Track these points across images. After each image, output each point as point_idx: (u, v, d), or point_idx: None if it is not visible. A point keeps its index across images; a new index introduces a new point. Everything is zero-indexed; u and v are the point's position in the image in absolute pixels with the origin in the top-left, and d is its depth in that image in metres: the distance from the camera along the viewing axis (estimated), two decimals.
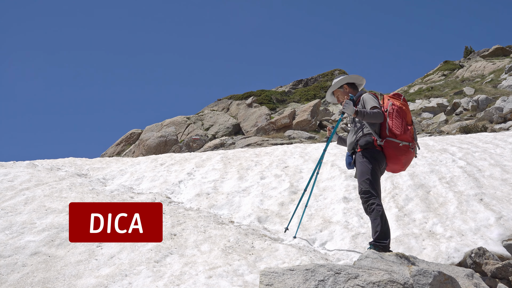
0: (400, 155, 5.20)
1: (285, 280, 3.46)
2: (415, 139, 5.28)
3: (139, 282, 4.54)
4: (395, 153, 5.20)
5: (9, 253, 5.12)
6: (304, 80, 39.47)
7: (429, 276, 3.53)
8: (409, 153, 5.23)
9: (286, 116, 26.29)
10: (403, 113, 5.28)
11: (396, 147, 5.17)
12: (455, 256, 5.49)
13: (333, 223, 6.81)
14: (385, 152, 5.27)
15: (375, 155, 5.28)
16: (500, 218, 6.34)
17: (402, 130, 5.16)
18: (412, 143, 5.21)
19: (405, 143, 5.15)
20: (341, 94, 5.86)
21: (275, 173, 9.46)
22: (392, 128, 5.20)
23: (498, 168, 8.68)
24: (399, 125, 5.18)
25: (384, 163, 5.35)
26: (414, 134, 5.28)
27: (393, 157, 5.24)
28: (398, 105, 5.31)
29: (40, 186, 7.88)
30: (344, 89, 5.85)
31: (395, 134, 5.17)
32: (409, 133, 5.19)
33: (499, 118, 20.01)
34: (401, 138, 5.16)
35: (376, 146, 5.28)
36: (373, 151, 5.29)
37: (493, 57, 43.89)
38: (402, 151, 5.18)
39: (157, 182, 9.21)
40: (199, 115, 31.28)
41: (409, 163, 5.41)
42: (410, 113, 5.42)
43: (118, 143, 32.00)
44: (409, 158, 5.29)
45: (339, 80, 5.89)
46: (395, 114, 5.24)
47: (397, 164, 5.34)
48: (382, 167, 5.38)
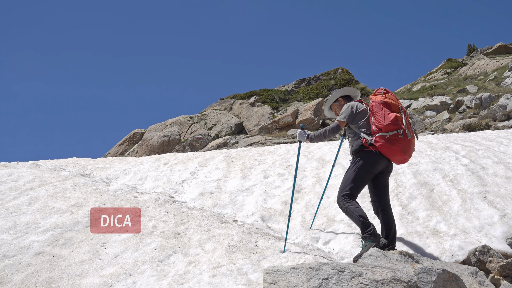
0: (392, 145, 5.26)
1: (289, 278, 3.46)
2: (403, 124, 5.30)
3: (143, 281, 4.55)
4: (387, 145, 5.26)
5: (13, 253, 5.14)
6: (307, 79, 39.41)
7: (433, 274, 3.53)
8: (401, 140, 5.26)
9: (289, 115, 26.26)
10: (387, 105, 5.39)
11: (386, 139, 5.26)
12: (459, 254, 5.48)
13: (336, 222, 6.80)
14: (379, 149, 5.34)
15: (368, 156, 5.41)
16: (504, 216, 6.33)
17: (384, 121, 5.27)
18: (400, 129, 5.25)
19: (392, 132, 5.23)
20: (337, 107, 6.17)
21: (279, 172, 9.46)
22: (376, 123, 5.35)
23: (502, 166, 8.66)
24: (380, 118, 5.31)
25: (381, 162, 5.44)
26: (402, 120, 5.32)
27: (387, 150, 5.31)
28: (378, 100, 5.44)
29: (44, 186, 7.90)
30: (340, 102, 6.08)
31: (380, 127, 5.30)
32: (393, 121, 5.25)
33: (503, 116, 19.96)
34: (386, 129, 5.26)
35: (368, 147, 5.41)
36: (365, 153, 5.43)
37: (496, 54, 43.82)
38: (393, 141, 5.25)
39: (160, 182, 9.22)
40: (202, 114, 31.28)
41: (409, 150, 5.42)
42: (397, 101, 5.52)
43: (121, 143, 32.03)
44: (404, 145, 5.30)
45: (334, 94, 6.16)
46: (375, 110, 5.40)
47: (396, 155, 5.38)
48: (380, 166, 5.48)
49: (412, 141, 5.39)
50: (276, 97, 33.35)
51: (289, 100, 33.89)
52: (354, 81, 35.77)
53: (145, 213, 6.74)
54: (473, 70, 38.37)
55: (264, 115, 28.85)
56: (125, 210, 6.79)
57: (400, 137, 5.24)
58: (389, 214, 5.47)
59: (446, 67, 43.82)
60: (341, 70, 38.39)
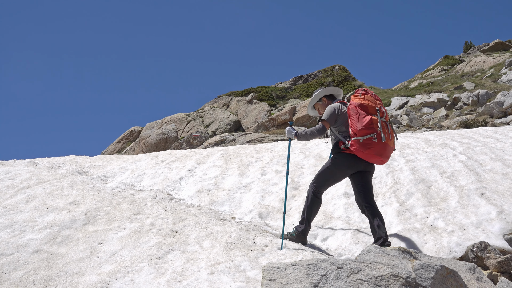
0: (366, 149, 5.34)
1: (287, 275, 3.46)
2: (378, 127, 5.33)
3: (141, 279, 4.54)
4: (361, 149, 5.36)
5: (11, 251, 5.12)
6: (304, 76, 39.40)
7: (431, 270, 3.53)
8: (375, 144, 5.33)
9: (286, 112, 26.28)
10: (362, 107, 5.44)
11: (360, 144, 5.35)
12: (456, 251, 5.49)
13: (334, 219, 6.81)
14: (355, 152, 5.45)
15: (342, 159, 5.58)
16: (502, 212, 6.34)
17: (358, 125, 5.36)
18: (374, 133, 5.31)
19: (366, 136, 5.31)
20: (321, 107, 6.23)
21: (276, 169, 9.46)
22: (351, 127, 5.46)
23: (499, 163, 8.68)
24: (355, 123, 5.41)
25: (358, 163, 5.57)
26: (377, 122, 5.36)
27: (362, 153, 5.41)
28: (356, 102, 5.49)
29: (41, 184, 7.88)
30: (323, 102, 6.13)
31: (354, 132, 5.40)
32: (367, 125, 5.32)
33: (500, 113, 20.00)
34: (360, 133, 5.35)
35: (343, 150, 5.55)
36: (340, 156, 5.60)
37: (493, 51, 43.85)
38: (367, 145, 5.33)
39: (158, 179, 9.21)
40: (199, 112, 31.27)
41: (385, 152, 5.46)
42: (374, 102, 5.54)
43: (118, 141, 32.01)
44: (379, 148, 5.36)
45: (317, 94, 6.19)
46: (350, 114, 5.50)
47: (372, 158, 5.47)
48: (354, 168, 5.62)
49: (388, 144, 5.43)
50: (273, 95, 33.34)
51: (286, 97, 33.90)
52: (351, 78, 35.80)
53: (143, 210, 6.73)
54: (470, 67, 38.39)
55: (261, 112, 28.87)
56: (122, 208, 6.78)
57: (373, 141, 5.31)
58: (375, 212, 5.52)
59: (443, 64, 43.86)
60: (338, 67, 38.41)
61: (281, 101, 32.60)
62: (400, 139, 12.08)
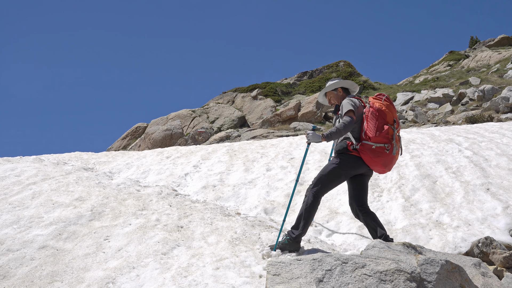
0: (375, 157, 5.16)
1: (292, 270, 3.47)
2: (393, 139, 5.19)
3: (146, 274, 4.56)
4: (370, 155, 5.16)
5: (17, 247, 5.15)
6: (309, 72, 39.31)
7: (436, 265, 3.53)
8: (385, 154, 5.16)
9: (291, 108, 26.24)
10: (382, 114, 5.23)
11: (370, 150, 5.15)
12: (462, 246, 5.49)
13: (339, 214, 6.81)
14: (361, 156, 5.23)
15: (348, 160, 5.30)
16: (507, 208, 6.33)
17: (375, 132, 5.15)
18: (388, 144, 5.15)
19: (380, 144, 5.13)
20: (334, 97, 5.81)
21: (281, 164, 9.46)
22: (366, 130, 5.23)
23: (505, 158, 8.65)
24: (372, 127, 5.19)
25: (360, 167, 5.32)
26: (393, 134, 5.21)
27: (369, 159, 5.21)
28: (377, 106, 5.27)
29: (47, 181, 7.91)
30: (338, 92, 5.81)
31: (369, 136, 5.18)
32: (384, 134, 5.15)
33: (505, 108, 19.92)
34: (375, 140, 5.14)
35: (351, 151, 5.28)
36: (346, 156, 5.31)
37: (498, 46, 43.64)
38: (377, 153, 5.15)
39: (163, 175, 9.23)
40: (204, 108, 31.26)
41: (391, 165, 5.31)
42: (393, 113, 5.34)
43: (123, 137, 32.06)
44: (387, 159, 5.21)
45: (334, 83, 5.83)
46: (370, 117, 5.25)
47: (377, 166, 5.28)
48: (357, 171, 5.37)
49: (396, 157, 5.27)
50: (278, 90, 33.30)
51: (291, 93, 33.84)
52: (356, 74, 35.71)
53: (148, 206, 6.75)
54: (475, 62, 38.23)
55: (267, 108, 28.84)
56: (128, 204, 6.80)
57: (385, 152, 5.15)
58: (369, 212, 5.35)
59: (448, 59, 43.68)
60: (343, 63, 38.29)
61: (286, 97, 32.55)
62: (406, 135, 12.05)
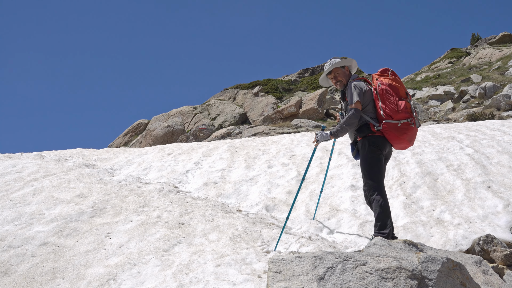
0: (401, 134, 5.06)
1: (293, 267, 3.46)
2: (413, 112, 5.12)
3: (148, 271, 4.56)
4: (396, 134, 5.06)
5: (18, 243, 5.15)
6: (310, 69, 39.32)
7: (437, 263, 3.53)
8: (411, 129, 5.07)
9: (292, 105, 26.23)
10: (394, 89, 5.15)
11: (396, 128, 5.04)
12: (463, 243, 5.48)
13: (340, 211, 6.80)
14: (386, 135, 5.13)
15: (376, 141, 5.17)
16: (508, 205, 6.32)
17: (396, 109, 5.05)
18: (411, 118, 5.06)
19: (403, 120, 5.03)
20: (341, 73, 5.55)
21: (282, 161, 9.46)
22: (386, 110, 5.09)
23: (506, 155, 8.64)
24: (392, 105, 5.07)
25: (387, 147, 5.23)
26: (411, 107, 5.13)
27: (395, 138, 5.10)
28: (387, 82, 5.18)
29: (48, 177, 7.91)
30: (345, 70, 5.62)
31: (390, 115, 5.07)
32: (403, 109, 5.05)
33: (507, 105, 19.90)
34: (398, 117, 5.04)
35: (375, 132, 5.16)
36: (373, 138, 5.18)
37: (500, 44, 43.58)
38: (403, 130, 5.05)
39: (164, 172, 9.23)
40: (206, 104, 31.26)
41: (414, 138, 5.25)
42: (403, 86, 5.28)
43: (125, 134, 32.07)
44: (412, 134, 5.13)
45: (342, 61, 5.61)
46: (384, 95, 5.13)
47: (402, 143, 5.19)
48: (385, 151, 5.26)
49: (417, 130, 5.24)
50: (279, 87, 33.28)
51: (293, 90, 33.83)
52: (358, 71, 35.72)
53: (150, 203, 6.75)
54: (477, 59, 38.18)
55: (268, 105, 28.83)
56: (129, 201, 6.81)
57: (410, 126, 5.05)
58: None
59: (450, 57, 43.64)
60: None
61: (287, 94, 32.54)
62: None
